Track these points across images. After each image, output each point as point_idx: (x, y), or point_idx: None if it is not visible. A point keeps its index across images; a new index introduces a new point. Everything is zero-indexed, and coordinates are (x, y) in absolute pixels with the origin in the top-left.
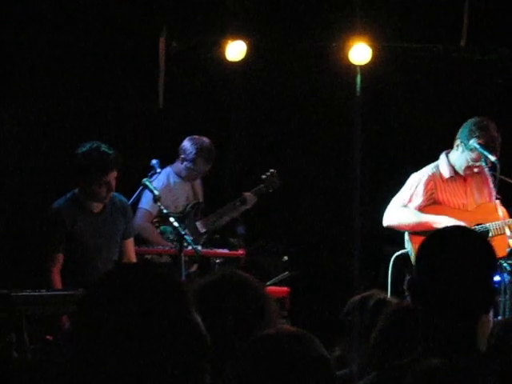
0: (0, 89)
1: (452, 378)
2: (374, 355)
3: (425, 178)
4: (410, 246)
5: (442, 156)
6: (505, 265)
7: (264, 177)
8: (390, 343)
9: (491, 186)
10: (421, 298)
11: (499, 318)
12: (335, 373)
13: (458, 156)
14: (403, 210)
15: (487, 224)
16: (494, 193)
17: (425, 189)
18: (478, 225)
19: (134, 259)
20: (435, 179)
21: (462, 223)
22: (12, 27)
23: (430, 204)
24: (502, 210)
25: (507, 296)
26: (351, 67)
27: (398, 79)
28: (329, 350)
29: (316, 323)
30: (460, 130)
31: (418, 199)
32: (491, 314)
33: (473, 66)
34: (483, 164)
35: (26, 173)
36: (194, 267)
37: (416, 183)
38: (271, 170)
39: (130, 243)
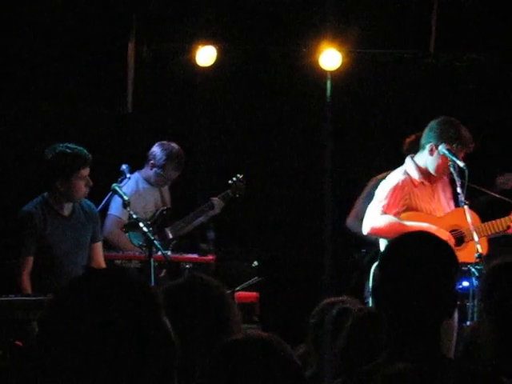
0: None
1: (416, 383)
2: (340, 360)
3: (399, 184)
4: None
5: (408, 160)
6: (473, 270)
7: (230, 182)
8: (354, 348)
9: (453, 190)
10: (385, 303)
11: (468, 323)
12: (305, 378)
13: (433, 159)
14: (384, 217)
15: (462, 229)
16: (462, 197)
17: (400, 195)
18: (453, 230)
19: (102, 263)
20: (408, 185)
21: (441, 230)
22: None
23: (404, 211)
24: (470, 216)
25: (475, 301)
26: (321, 72)
27: (368, 85)
28: (293, 349)
29: (286, 328)
30: (428, 133)
31: (396, 206)
32: (456, 318)
33: (442, 71)
34: (452, 170)
35: None
36: (163, 272)
37: (391, 190)
38: (238, 175)
39: (98, 247)
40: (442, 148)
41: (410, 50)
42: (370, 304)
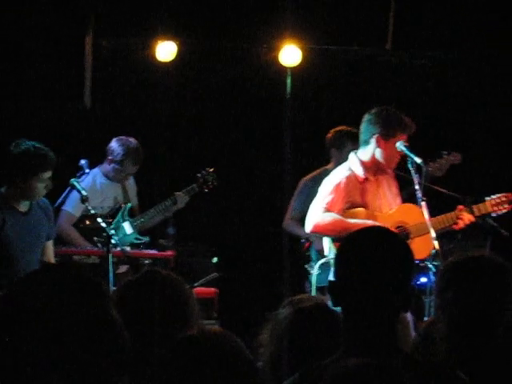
0: None
1: (371, 377)
2: (294, 355)
3: (342, 180)
4: (332, 253)
5: (352, 156)
6: (430, 266)
7: (199, 175)
8: (306, 344)
9: (396, 184)
10: (341, 299)
11: (425, 318)
12: (259, 374)
13: (382, 149)
14: (327, 215)
15: (407, 226)
16: (420, 194)
17: (344, 192)
18: (398, 227)
19: (52, 261)
20: (352, 181)
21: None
22: None
23: (349, 208)
24: (427, 212)
25: (432, 297)
26: (281, 69)
27: (328, 81)
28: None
29: (245, 324)
30: (367, 126)
31: (339, 204)
32: (409, 314)
33: (400, 69)
34: (410, 166)
35: None
36: (124, 268)
37: (334, 187)
38: (208, 169)
39: (50, 244)
40: (399, 145)
41: (369, 48)
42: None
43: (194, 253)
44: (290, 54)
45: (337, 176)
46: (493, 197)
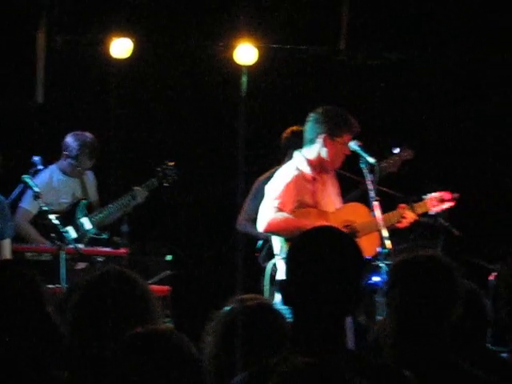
0: None
1: (318, 377)
2: (231, 354)
3: (292, 180)
4: (284, 253)
5: (298, 155)
6: (382, 265)
7: (158, 170)
8: (249, 343)
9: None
10: (291, 298)
11: (379, 317)
12: (204, 372)
13: (328, 149)
14: (280, 215)
15: (354, 225)
16: (373, 194)
17: (294, 192)
18: (346, 226)
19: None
20: (301, 181)
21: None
22: None
23: (298, 207)
24: (379, 212)
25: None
26: (237, 67)
27: (283, 80)
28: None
29: (198, 321)
30: (314, 125)
31: (290, 203)
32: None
33: (354, 69)
34: (363, 166)
35: None
36: (83, 265)
37: (285, 187)
38: (167, 163)
39: (5, 243)
40: (352, 145)
41: (324, 47)
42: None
43: (147, 250)
44: (246, 53)
45: (286, 175)
46: (430, 196)
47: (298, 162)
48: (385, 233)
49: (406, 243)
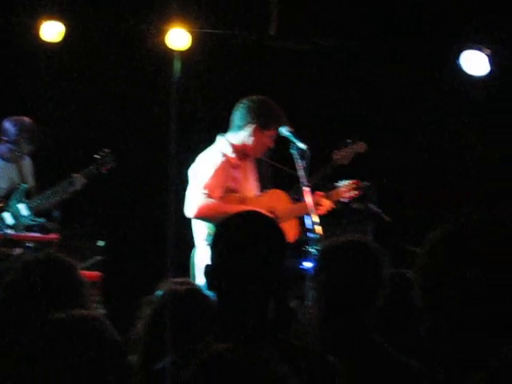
0: None
1: (239, 362)
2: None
3: (220, 165)
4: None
5: (222, 140)
6: (312, 250)
7: (97, 157)
8: (178, 328)
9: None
10: (216, 283)
11: (309, 303)
12: (127, 356)
13: (255, 139)
14: (210, 200)
15: (277, 211)
16: (304, 180)
17: (222, 177)
18: (269, 212)
19: None
20: (227, 166)
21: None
22: None
23: (225, 193)
24: (310, 198)
25: None
26: (169, 52)
27: (215, 65)
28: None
29: (130, 307)
30: (245, 113)
31: (219, 189)
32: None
33: (285, 54)
34: (294, 151)
35: None
36: (19, 251)
37: (213, 172)
38: (105, 150)
39: None
40: (284, 131)
41: (254, 33)
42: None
43: (79, 236)
44: (178, 38)
45: (212, 161)
46: (344, 183)
47: (223, 147)
48: (315, 218)
49: (338, 229)
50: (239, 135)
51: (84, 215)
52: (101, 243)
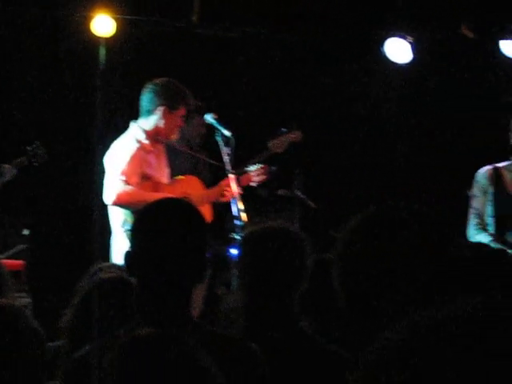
0: None
1: (158, 347)
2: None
3: (135, 152)
4: (128, 225)
5: (135, 126)
6: (238, 237)
7: (29, 148)
8: (104, 315)
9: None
10: (136, 269)
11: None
12: (47, 344)
13: (166, 121)
14: (128, 188)
15: (191, 197)
16: (229, 167)
17: (137, 164)
18: (183, 197)
19: None
20: (142, 153)
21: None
22: None
23: (141, 179)
24: (235, 185)
25: None
26: (95, 39)
27: (141, 52)
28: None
29: (55, 295)
30: (153, 97)
31: (135, 175)
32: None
33: (208, 42)
34: (218, 138)
35: None
36: None
37: (129, 159)
38: (36, 142)
39: None
40: (208, 118)
41: (177, 20)
42: None
43: (2, 224)
44: (103, 24)
45: (127, 148)
46: (253, 168)
47: (136, 134)
48: (240, 205)
49: (265, 216)
50: (150, 120)
51: (8, 204)
52: (26, 232)
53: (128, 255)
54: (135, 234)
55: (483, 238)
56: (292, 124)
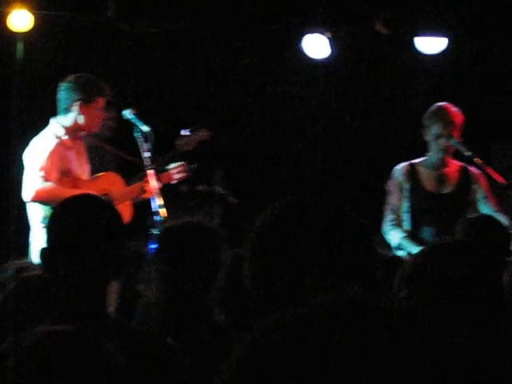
0: None
1: (68, 343)
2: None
3: (54, 149)
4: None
5: (55, 123)
6: (157, 233)
7: None
8: (26, 313)
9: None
10: (52, 266)
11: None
12: None
13: (85, 116)
14: (47, 184)
15: (111, 194)
16: (148, 162)
17: (57, 160)
18: (104, 194)
19: None
20: (61, 149)
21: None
22: None
23: (61, 175)
24: (154, 181)
25: None
26: (11, 34)
27: (60, 49)
28: None
29: None
30: (68, 93)
31: (54, 172)
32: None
33: (123, 37)
34: (137, 135)
35: None
36: None
37: (48, 156)
38: None
39: None
40: (127, 114)
41: (93, 15)
42: None
43: None
44: (20, 19)
45: (46, 145)
46: (173, 165)
47: (56, 130)
48: (160, 201)
49: (186, 212)
50: (69, 117)
51: None
52: None
53: (43, 251)
54: (50, 229)
55: (397, 233)
56: (200, 122)
